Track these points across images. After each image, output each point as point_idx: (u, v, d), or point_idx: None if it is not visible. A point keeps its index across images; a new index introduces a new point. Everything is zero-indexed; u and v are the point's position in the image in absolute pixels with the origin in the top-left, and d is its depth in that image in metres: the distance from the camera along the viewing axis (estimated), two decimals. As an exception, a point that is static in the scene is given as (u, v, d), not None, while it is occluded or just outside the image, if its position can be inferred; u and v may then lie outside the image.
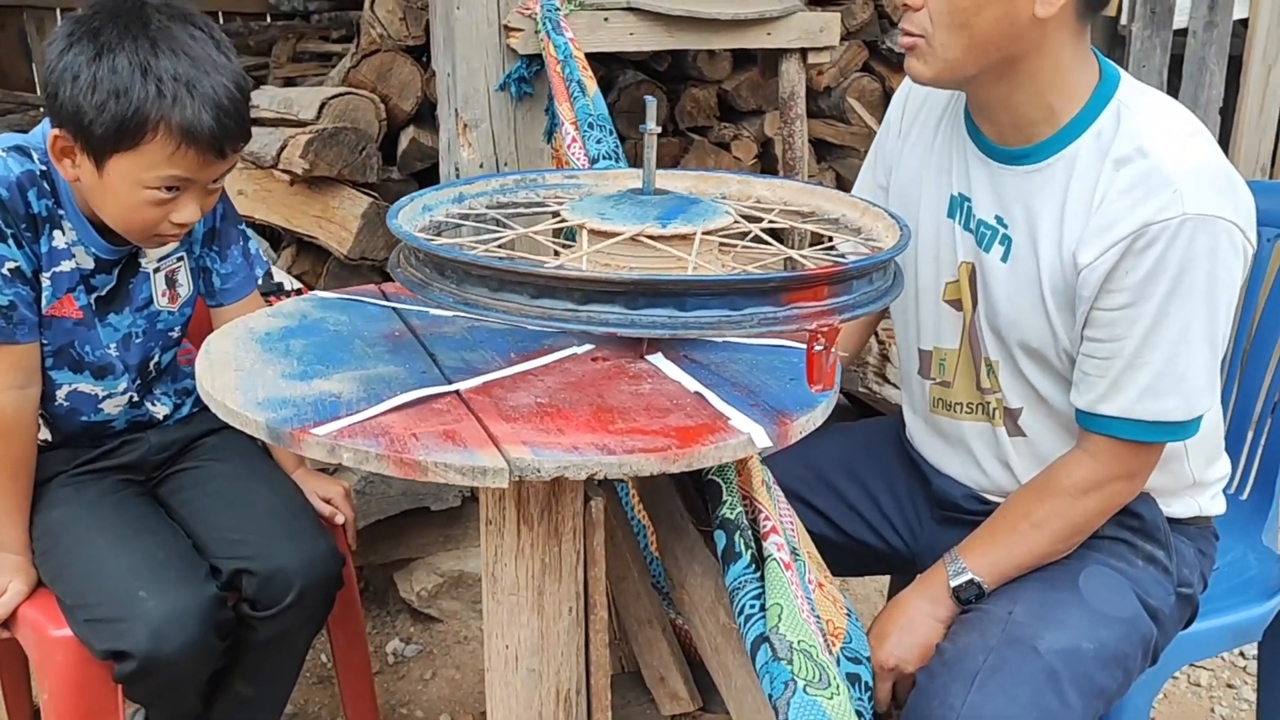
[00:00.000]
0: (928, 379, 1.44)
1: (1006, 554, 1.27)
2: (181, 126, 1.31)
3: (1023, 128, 1.26)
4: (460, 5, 1.92)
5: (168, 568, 1.45)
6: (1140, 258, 1.15)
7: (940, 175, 1.37)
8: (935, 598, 1.27)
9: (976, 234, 1.32)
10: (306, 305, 1.32)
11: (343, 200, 2.52)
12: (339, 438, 0.93)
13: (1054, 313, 1.24)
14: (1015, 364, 1.31)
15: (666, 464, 0.93)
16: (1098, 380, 1.21)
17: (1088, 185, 1.20)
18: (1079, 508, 1.25)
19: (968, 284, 1.34)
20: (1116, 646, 1.24)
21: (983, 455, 1.38)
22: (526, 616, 1.21)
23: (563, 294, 0.97)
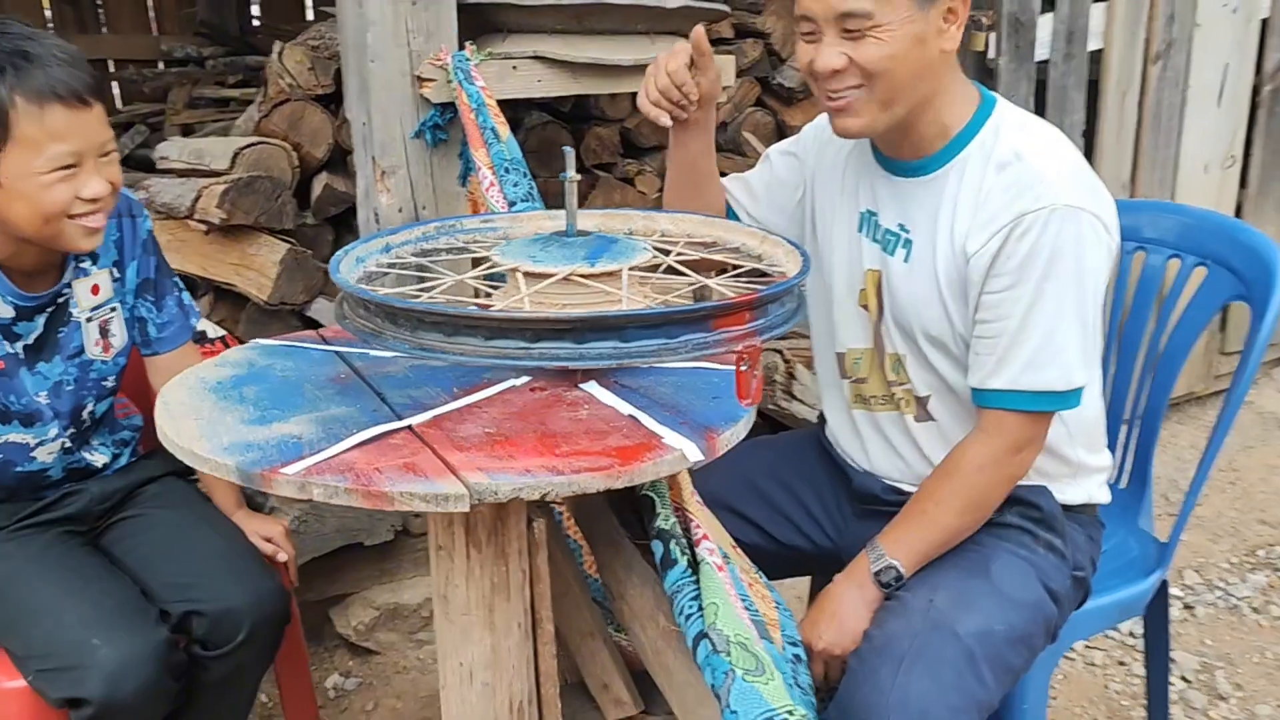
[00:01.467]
0: (844, 378, 1.57)
1: (918, 535, 1.39)
2: (34, 89, 1.34)
3: (920, 145, 1.41)
4: (375, 58, 2.00)
5: (118, 615, 1.49)
6: (1019, 244, 1.31)
7: (851, 196, 1.52)
8: (860, 584, 1.39)
9: (884, 243, 1.46)
10: (252, 353, 1.39)
11: (260, 247, 2.56)
12: (308, 475, 1.00)
13: (949, 302, 1.39)
14: (922, 354, 1.45)
15: (611, 480, 1.03)
16: (986, 358, 1.36)
17: (973, 186, 1.36)
18: (977, 482, 1.38)
19: (874, 290, 1.48)
20: (1024, 628, 1.38)
21: (898, 442, 1.52)
22: (479, 634, 1.30)
23: (515, 334, 1.06)
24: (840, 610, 1.38)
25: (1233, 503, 2.96)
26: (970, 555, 1.40)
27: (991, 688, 1.33)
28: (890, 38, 1.29)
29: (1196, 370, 3.20)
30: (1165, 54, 2.84)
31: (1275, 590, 2.62)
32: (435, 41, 2.04)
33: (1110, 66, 2.79)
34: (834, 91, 1.34)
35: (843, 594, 1.39)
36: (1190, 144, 2.97)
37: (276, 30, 5.57)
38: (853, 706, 1.27)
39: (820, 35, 1.33)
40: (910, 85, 1.33)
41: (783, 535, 1.63)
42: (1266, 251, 1.68)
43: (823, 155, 1.58)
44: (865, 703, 1.26)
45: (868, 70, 1.31)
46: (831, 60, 1.32)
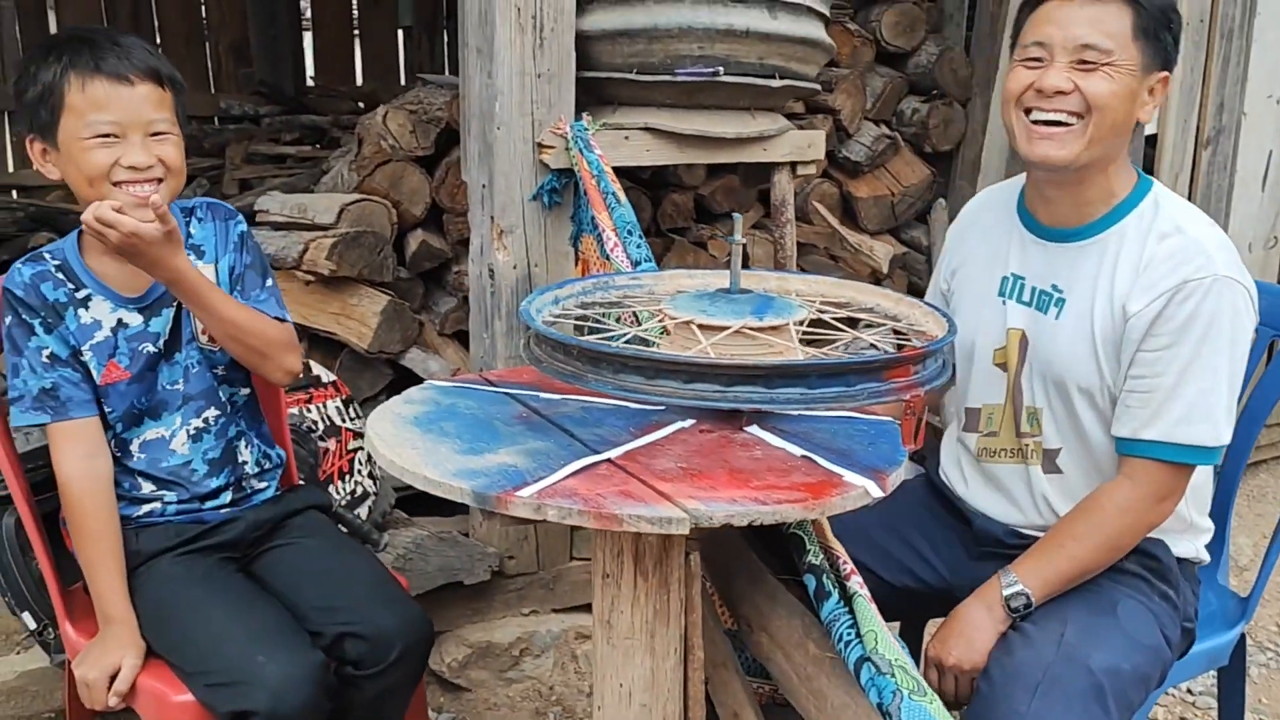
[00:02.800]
0: (974, 432, 1.70)
1: (1052, 568, 1.50)
2: (81, 69, 1.53)
3: (1082, 208, 1.56)
4: (500, 125, 2.15)
5: (279, 635, 1.59)
6: (1180, 307, 1.46)
7: (991, 265, 1.67)
8: (990, 605, 1.50)
9: (1035, 302, 1.61)
10: (432, 393, 1.51)
11: (361, 298, 2.70)
12: (541, 498, 1.12)
13: (1102, 357, 1.53)
14: (1069, 406, 1.58)
15: (807, 512, 1.15)
16: (1140, 410, 1.49)
17: (1134, 251, 1.51)
18: (1119, 524, 1.50)
19: (1016, 348, 1.63)
20: (1146, 669, 1.49)
21: (1020, 494, 1.65)
22: (640, 657, 1.40)
23: (712, 378, 1.19)
24: (968, 630, 1.49)
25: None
26: (1094, 595, 1.52)
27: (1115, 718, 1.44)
28: (1118, 76, 1.46)
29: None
30: (1215, 140, 3.01)
31: (1325, 653, 2.72)
32: (555, 112, 2.20)
33: (1164, 150, 2.97)
34: (1050, 111, 1.48)
35: (972, 614, 1.50)
36: (1236, 225, 3.13)
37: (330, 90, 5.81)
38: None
39: (1049, 63, 1.48)
40: (1113, 132, 1.48)
41: (893, 578, 1.75)
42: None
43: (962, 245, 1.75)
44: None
45: (1091, 101, 1.46)
46: (1059, 82, 1.46)
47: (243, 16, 5.84)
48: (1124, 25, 1.46)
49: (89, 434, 1.62)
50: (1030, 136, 1.51)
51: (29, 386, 1.60)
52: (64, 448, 1.61)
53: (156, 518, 1.71)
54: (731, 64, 2.20)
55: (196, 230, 1.74)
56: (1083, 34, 1.46)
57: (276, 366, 1.72)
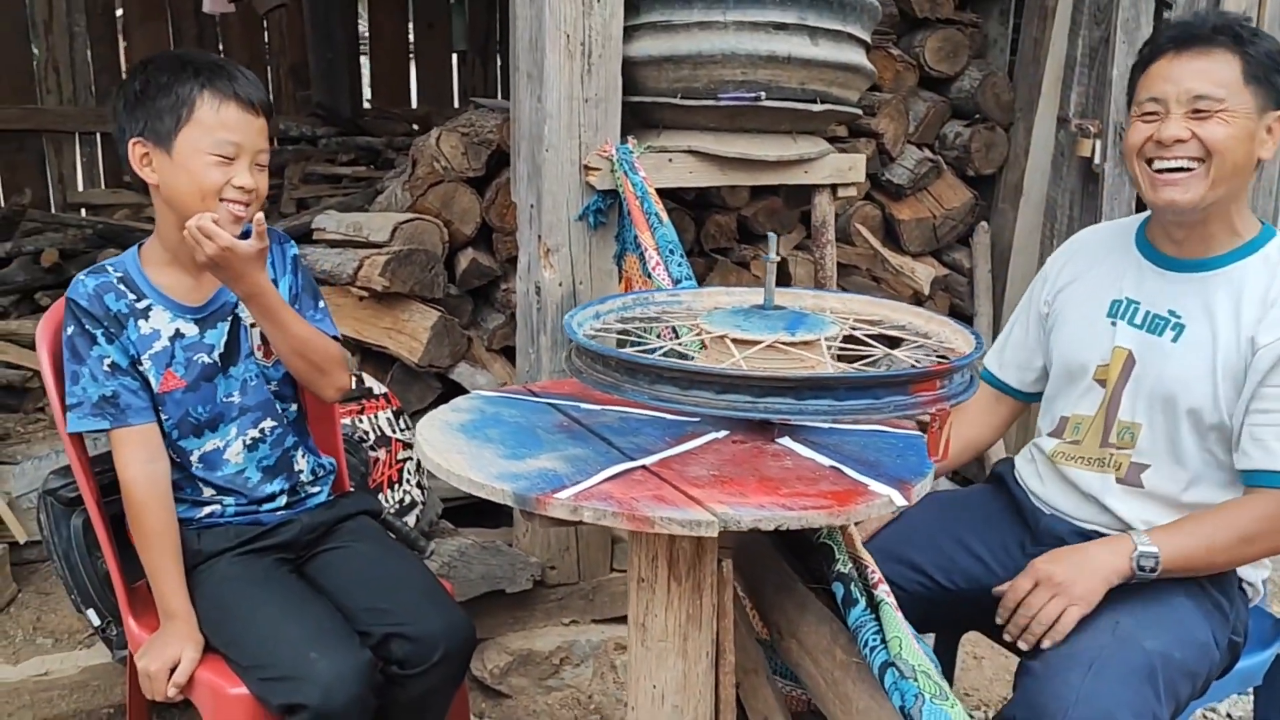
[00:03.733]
0: (1057, 438, 1.78)
1: (1189, 543, 1.54)
2: (218, 90, 1.65)
3: (1207, 242, 1.63)
4: (549, 148, 2.23)
5: (331, 634, 1.66)
6: None
7: (1102, 288, 1.75)
8: (1117, 553, 1.54)
9: (1148, 326, 1.68)
10: (478, 403, 1.58)
11: (412, 314, 2.79)
12: (578, 500, 1.18)
13: (1220, 383, 1.60)
14: (1172, 423, 1.64)
15: (832, 519, 1.20)
16: (1273, 443, 1.55)
17: (1262, 287, 1.58)
18: (1264, 530, 1.56)
19: (1120, 365, 1.69)
20: (1195, 664, 1.53)
21: (1088, 497, 1.72)
22: (673, 660, 1.45)
23: (743, 389, 1.24)
24: (1088, 564, 1.52)
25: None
26: (1150, 590, 1.56)
27: (1163, 708, 1.47)
28: (1233, 121, 1.53)
29: None
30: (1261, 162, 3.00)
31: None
32: (602, 135, 2.27)
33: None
34: (1171, 159, 1.56)
35: (1096, 554, 1.55)
36: None
37: (385, 113, 5.96)
38: (1039, 701, 1.41)
39: (1166, 115, 1.57)
40: (1234, 173, 1.55)
41: (948, 580, 1.80)
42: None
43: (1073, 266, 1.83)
44: (1054, 696, 1.41)
45: (1210, 146, 1.54)
46: (1178, 131, 1.54)
47: (302, 41, 6.02)
48: (1234, 73, 1.54)
49: (149, 439, 1.71)
50: (1155, 184, 1.59)
51: (89, 394, 1.69)
52: (125, 453, 1.70)
53: (217, 519, 1.80)
54: (774, 89, 2.26)
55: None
56: (1195, 86, 1.54)
57: (330, 383, 1.82)
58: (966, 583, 1.78)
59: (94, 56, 5.43)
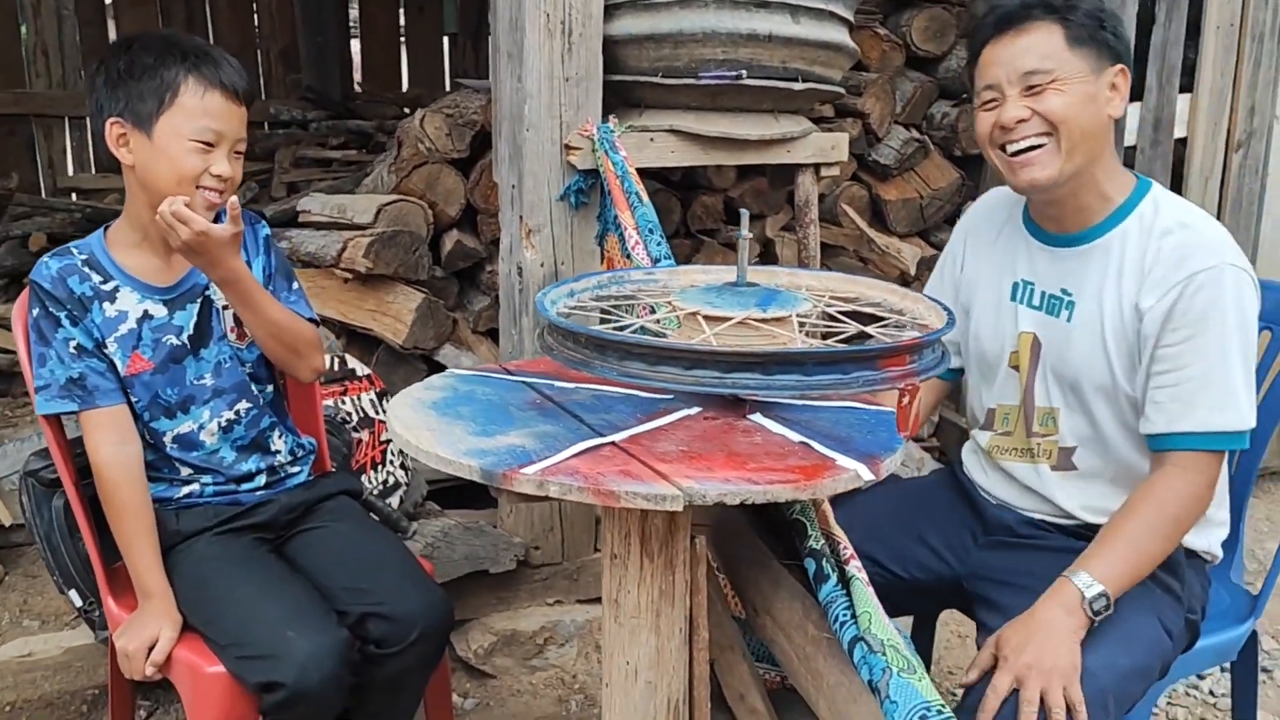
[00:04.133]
0: (989, 431, 1.75)
1: (1123, 561, 1.48)
2: (204, 77, 1.64)
3: (1082, 214, 1.61)
4: (530, 128, 2.22)
5: (308, 613, 1.67)
6: (1193, 299, 1.50)
7: (1002, 269, 1.72)
8: (1070, 610, 1.43)
9: (1046, 307, 1.65)
10: (452, 380, 1.58)
11: (397, 296, 2.79)
12: (544, 475, 1.18)
13: (1113, 356, 1.58)
14: (1085, 405, 1.62)
15: (798, 492, 1.20)
16: (1171, 405, 1.52)
17: (1138, 251, 1.56)
18: (1180, 512, 1.52)
19: (1027, 351, 1.67)
20: (1144, 662, 1.51)
21: (1032, 487, 1.70)
22: (646, 636, 1.46)
23: (711, 365, 1.24)
24: (1051, 634, 1.41)
25: (1309, 575, 3.04)
26: None
27: (1113, 716, 1.46)
28: (1069, 90, 1.52)
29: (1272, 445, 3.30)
30: (1246, 143, 3.01)
31: (1352, 659, 2.70)
32: (583, 114, 2.26)
33: (1194, 154, 2.97)
34: (1019, 140, 1.54)
35: (1052, 618, 1.43)
36: (1268, 228, 3.12)
37: (376, 96, 5.94)
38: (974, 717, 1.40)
39: (1004, 99, 1.55)
40: (1085, 138, 1.53)
41: (903, 570, 1.78)
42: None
43: (971, 249, 1.80)
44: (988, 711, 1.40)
45: (1050, 118, 1.52)
46: (1017, 111, 1.53)
47: (292, 25, 5.99)
48: (1057, 42, 1.53)
49: (119, 421, 1.71)
50: (1013, 168, 1.57)
51: (56, 376, 1.68)
52: (96, 435, 1.69)
53: (196, 499, 1.80)
54: (755, 67, 2.26)
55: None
56: (1022, 63, 1.53)
57: (306, 365, 1.82)
58: (923, 573, 1.77)
59: (83, 40, 5.41)
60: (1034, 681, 1.38)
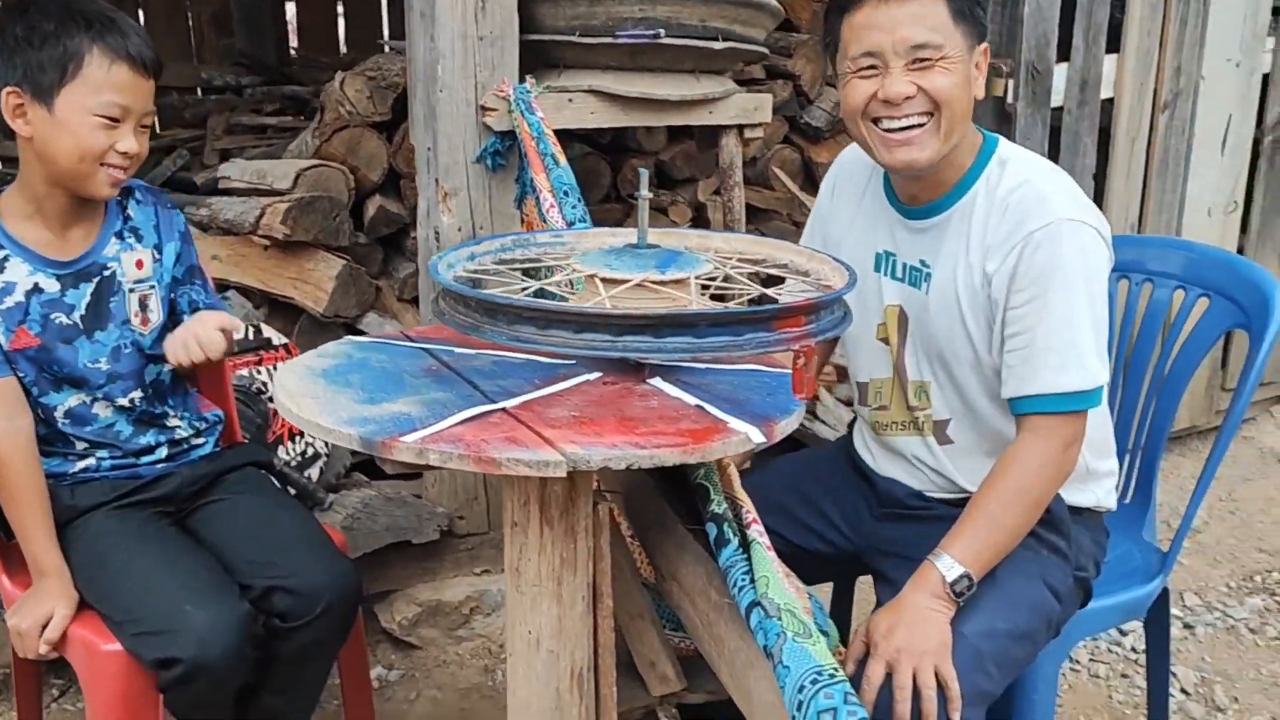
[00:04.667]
0: (865, 406, 1.72)
1: (986, 540, 1.46)
2: (110, 47, 1.56)
3: (935, 187, 1.57)
4: (444, 88, 2.17)
5: (208, 586, 1.63)
6: (1032, 259, 1.46)
7: (865, 237, 1.67)
8: (935, 594, 1.42)
9: (908, 278, 1.62)
10: (347, 348, 1.54)
11: (318, 263, 2.72)
12: (425, 443, 1.15)
13: (970, 325, 1.54)
14: (952, 378, 1.59)
15: (686, 456, 1.18)
16: (1020, 368, 1.49)
17: (984, 215, 1.52)
18: (1039, 480, 1.48)
19: (895, 323, 1.64)
20: (1027, 625, 1.50)
21: (917, 462, 1.67)
22: (547, 604, 1.43)
23: (601, 328, 1.21)
24: (919, 616, 1.40)
25: (1232, 531, 3.09)
26: None
27: (996, 680, 1.46)
28: (954, 67, 1.46)
29: (1199, 404, 3.34)
30: (1173, 104, 3.01)
31: (1272, 613, 2.75)
32: (499, 74, 2.21)
33: (1121, 114, 2.97)
34: (900, 118, 1.47)
35: (918, 605, 1.42)
36: (1195, 189, 3.13)
37: (313, 61, 5.80)
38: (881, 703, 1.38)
39: (885, 70, 1.46)
40: (962, 119, 1.49)
41: (802, 540, 1.77)
42: (1265, 284, 1.83)
43: (835, 214, 1.74)
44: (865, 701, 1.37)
45: (937, 98, 1.46)
46: (904, 88, 1.45)
47: (224, -15, 5.84)
48: (943, 14, 1.45)
49: (6, 395, 1.64)
50: (889, 145, 1.50)
51: None
52: None
53: (92, 474, 1.74)
54: (674, 26, 2.21)
55: (135, 212, 1.76)
56: (912, 34, 1.44)
57: None
58: (823, 545, 1.76)
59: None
60: (905, 665, 1.37)
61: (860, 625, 1.50)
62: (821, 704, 1.12)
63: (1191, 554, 2.97)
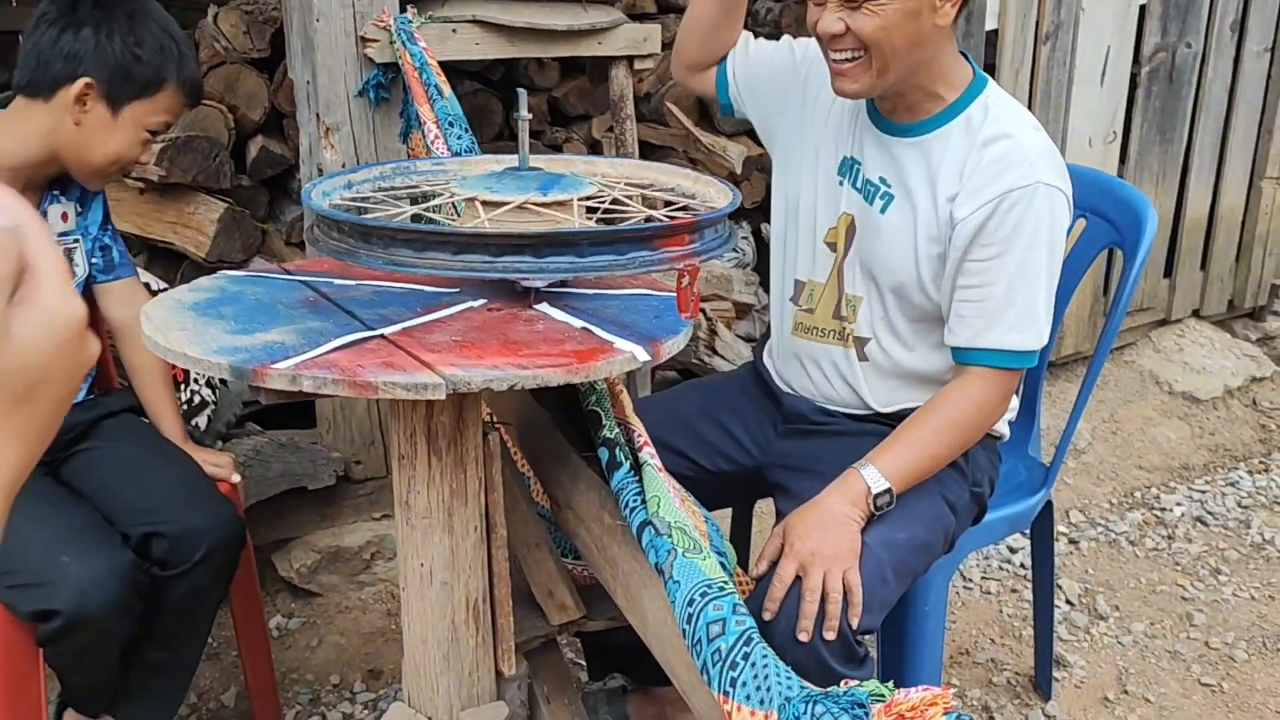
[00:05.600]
0: (796, 305, 1.72)
1: (911, 462, 1.50)
2: (186, 80, 1.69)
3: (913, 109, 1.56)
4: (319, 18, 2.09)
5: (85, 535, 1.57)
6: (1006, 216, 1.48)
7: (836, 139, 1.65)
8: (854, 501, 1.46)
9: (863, 191, 1.61)
10: (221, 281, 1.48)
11: (198, 206, 2.62)
12: (298, 370, 1.11)
13: (922, 258, 1.55)
14: (881, 299, 1.61)
15: (570, 375, 1.16)
16: (974, 320, 1.52)
17: (959, 155, 1.52)
18: (974, 419, 1.54)
19: (844, 231, 1.64)
20: (924, 536, 1.54)
21: (831, 373, 1.68)
22: (439, 536, 1.42)
23: (480, 249, 1.18)
24: (834, 521, 1.43)
25: (1114, 450, 3.22)
26: None
27: (893, 588, 1.49)
28: (883, 11, 1.43)
29: (1084, 331, 3.45)
30: (1054, 35, 3.06)
31: (1150, 527, 2.88)
32: (378, 4, 2.14)
33: (1004, 46, 3.01)
34: (836, 52, 1.48)
35: (834, 507, 1.45)
36: (1076, 120, 3.20)
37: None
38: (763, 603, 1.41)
39: (824, 2, 1.46)
40: (903, 55, 1.46)
41: (709, 461, 1.78)
42: (1138, 202, 1.89)
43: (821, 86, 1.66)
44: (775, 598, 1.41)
45: (862, 40, 1.45)
46: (831, 25, 1.45)
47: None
48: None
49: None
50: (832, 73, 1.51)
51: None
52: None
53: (-43, 424, 1.66)
54: (557, -47, 2.17)
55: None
56: None
57: None
58: (729, 464, 1.77)
59: None
60: (816, 569, 1.40)
61: (778, 524, 1.52)
62: (711, 615, 1.12)
63: (1076, 474, 3.09)
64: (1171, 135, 3.48)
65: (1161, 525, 2.87)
